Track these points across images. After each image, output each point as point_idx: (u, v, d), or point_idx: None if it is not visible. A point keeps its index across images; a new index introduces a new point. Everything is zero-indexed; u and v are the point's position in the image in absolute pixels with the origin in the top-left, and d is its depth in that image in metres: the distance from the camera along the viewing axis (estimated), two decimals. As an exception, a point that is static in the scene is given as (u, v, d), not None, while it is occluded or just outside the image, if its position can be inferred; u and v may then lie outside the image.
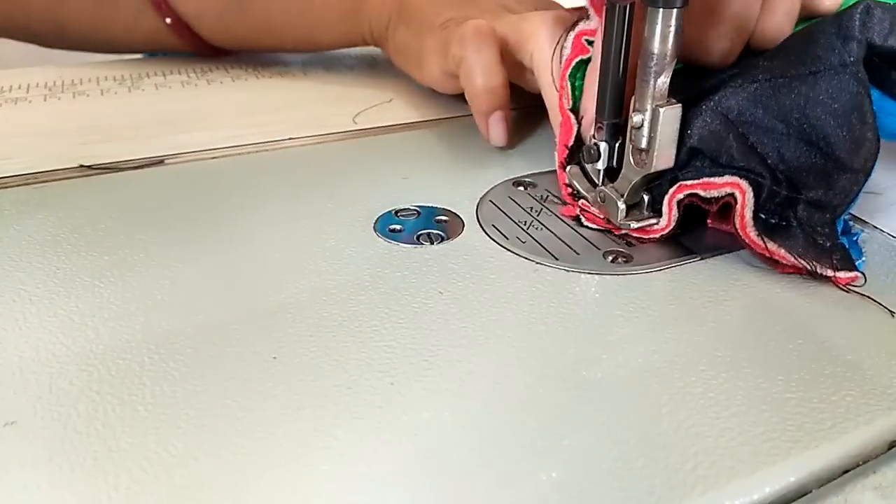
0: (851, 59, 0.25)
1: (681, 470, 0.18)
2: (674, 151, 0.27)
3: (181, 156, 0.36)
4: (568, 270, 0.26)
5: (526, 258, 0.27)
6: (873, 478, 0.18)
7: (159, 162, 0.35)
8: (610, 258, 0.27)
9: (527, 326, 0.23)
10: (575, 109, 0.30)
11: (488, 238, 0.28)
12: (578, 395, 0.20)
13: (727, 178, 0.26)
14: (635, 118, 0.26)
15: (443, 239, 0.28)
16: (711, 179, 0.26)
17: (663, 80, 0.25)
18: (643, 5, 0.25)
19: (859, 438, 0.19)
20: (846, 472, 0.18)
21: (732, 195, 0.26)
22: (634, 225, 0.28)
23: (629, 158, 0.27)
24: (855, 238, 0.27)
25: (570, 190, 0.30)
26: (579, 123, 0.30)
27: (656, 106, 0.26)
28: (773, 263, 0.26)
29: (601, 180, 0.29)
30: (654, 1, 0.24)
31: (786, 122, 0.26)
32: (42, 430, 0.19)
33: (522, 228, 0.29)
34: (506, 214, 0.30)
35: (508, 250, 0.27)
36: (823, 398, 0.20)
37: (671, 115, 0.26)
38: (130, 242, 0.28)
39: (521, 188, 0.32)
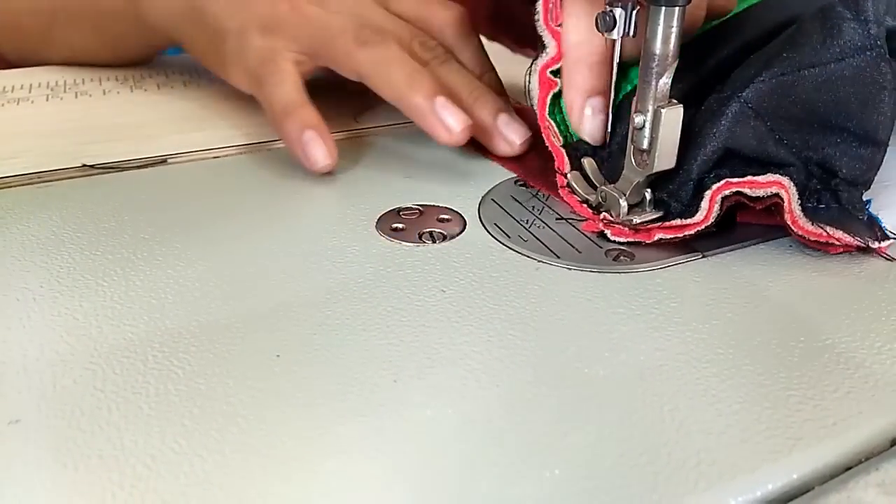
0: (873, 41, 0.26)
1: (683, 467, 0.18)
2: (675, 152, 0.27)
3: (184, 155, 0.36)
4: (570, 268, 0.26)
5: (528, 256, 0.27)
6: (876, 475, 0.18)
7: (162, 161, 0.35)
8: (612, 256, 0.27)
9: (529, 324, 0.23)
10: (567, 144, 0.31)
11: (490, 237, 0.28)
12: (581, 393, 0.20)
13: (770, 178, 0.26)
14: (637, 119, 0.26)
15: (445, 238, 0.28)
16: (755, 178, 0.26)
17: (665, 81, 0.25)
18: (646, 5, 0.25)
19: (862, 435, 0.19)
20: (849, 468, 0.18)
21: (778, 195, 0.26)
22: (637, 220, 0.27)
23: (630, 159, 0.27)
24: (867, 206, 0.27)
25: (581, 204, 0.30)
26: (574, 148, 0.30)
27: (658, 107, 0.26)
28: (825, 247, 0.26)
29: (601, 182, 0.29)
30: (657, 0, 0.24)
31: (815, 111, 0.26)
32: (46, 428, 0.19)
33: (524, 227, 0.29)
34: (508, 213, 0.30)
35: (510, 249, 0.27)
36: (826, 395, 0.20)
37: (672, 116, 0.26)
38: (133, 241, 0.28)
39: (523, 187, 0.32)
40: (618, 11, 0.27)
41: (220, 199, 0.31)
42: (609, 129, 0.30)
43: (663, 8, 0.24)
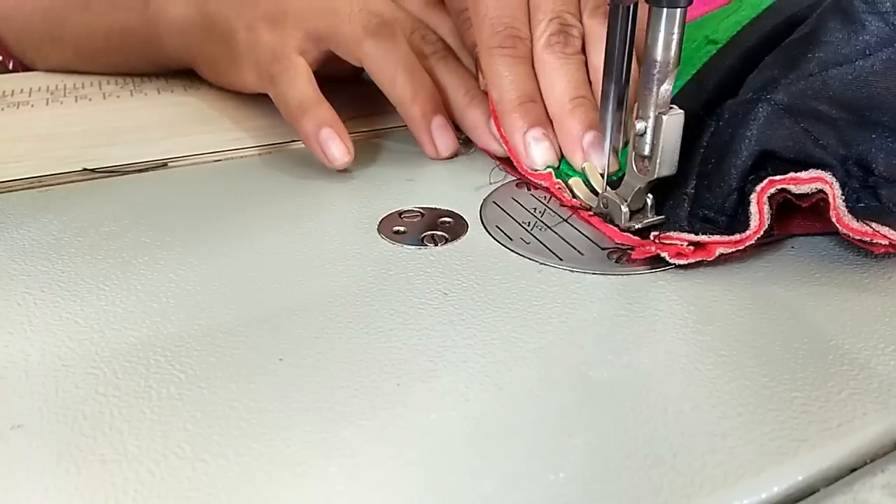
0: None
1: (688, 469, 0.18)
2: (676, 158, 0.26)
3: (184, 159, 0.36)
4: (572, 271, 0.26)
5: (530, 259, 0.27)
6: (881, 476, 0.18)
7: (163, 165, 0.35)
8: (614, 258, 0.27)
9: (532, 327, 0.23)
10: (576, 196, 0.30)
11: (492, 239, 0.28)
12: (584, 396, 0.20)
13: (812, 173, 0.25)
14: (638, 125, 0.26)
15: (447, 240, 0.28)
16: (797, 175, 0.25)
17: (666, 88, 0.25)
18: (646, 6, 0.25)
19: (867, 437, 0.19)
20: (854, 470, 0.18)
21: (822, 191, 0.25)
22: (638, 225, 0.28)
23: (632, 165, 0.27)
24: None
25: (619, 230, 0.28)
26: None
27: (659, 113, 0.26)
28: (869, 247, 0.25)
29: (604, 188, 0.29)
30: (658, 0, 0.24)
31: (848, 109, 0.26)
32: (48, 433, 0.19)
33: (526, 229, 0.29)
34: (509, 216, 0.30)
35: (512, 251, 0.27)
36: (830, 397, 0.20)
37: (674, 123, 0.26)
38: (135, 245, 0.28)
39: (525, 189, 0.32)
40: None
41: (220, 203, 0.31)
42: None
43: (664, 13, 0.24)
